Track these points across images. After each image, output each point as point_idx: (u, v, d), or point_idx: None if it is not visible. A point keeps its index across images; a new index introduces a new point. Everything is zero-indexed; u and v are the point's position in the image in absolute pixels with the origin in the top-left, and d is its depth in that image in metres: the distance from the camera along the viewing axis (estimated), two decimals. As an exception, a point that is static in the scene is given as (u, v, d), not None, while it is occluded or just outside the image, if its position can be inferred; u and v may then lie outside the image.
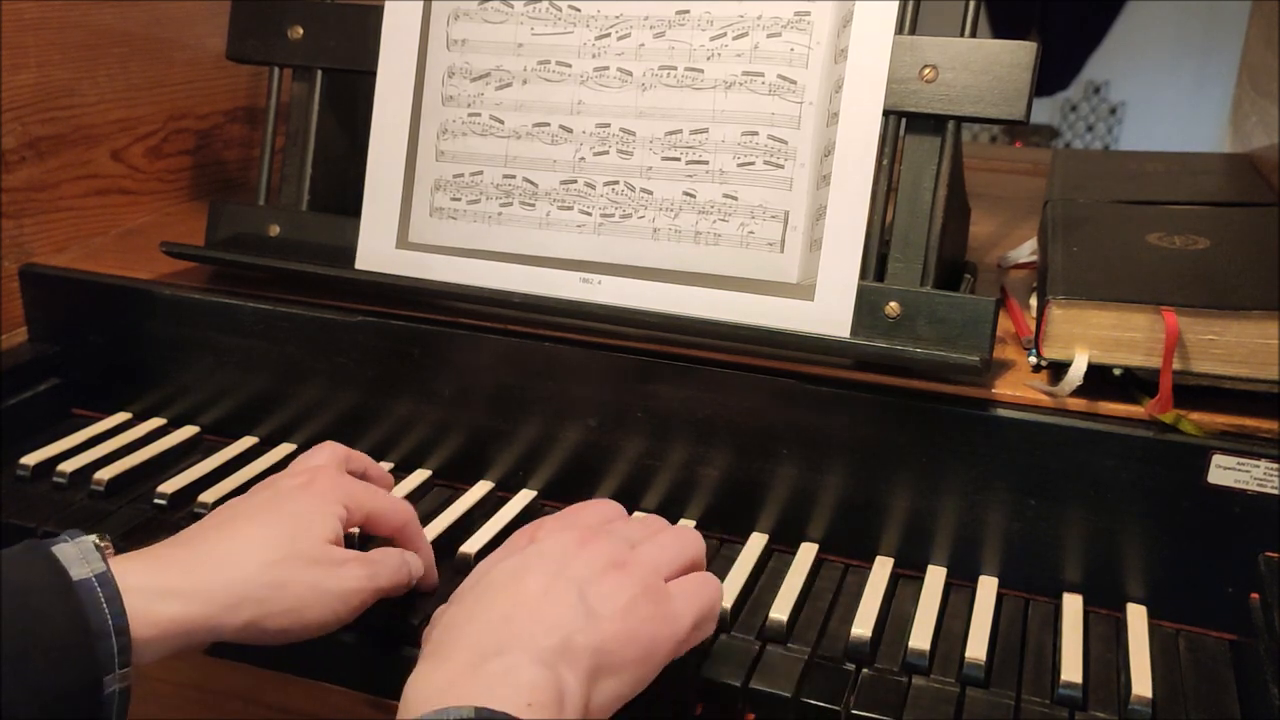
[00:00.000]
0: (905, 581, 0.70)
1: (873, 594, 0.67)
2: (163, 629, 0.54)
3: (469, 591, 0.56)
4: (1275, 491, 0.62)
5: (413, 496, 0.77)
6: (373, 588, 0.61)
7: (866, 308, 0.70)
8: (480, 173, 0.79)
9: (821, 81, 0.71)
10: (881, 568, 0.70)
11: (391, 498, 0.67)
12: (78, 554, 0.54)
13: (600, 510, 0.63)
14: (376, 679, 0.66)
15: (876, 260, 0.72)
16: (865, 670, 0.62)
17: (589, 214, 0.76)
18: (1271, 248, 0.73)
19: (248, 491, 0.65)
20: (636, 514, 0.66)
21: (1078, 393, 0.66)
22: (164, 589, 0.55)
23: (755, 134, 0.73)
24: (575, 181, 0.77)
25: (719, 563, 0.72)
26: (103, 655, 0.51)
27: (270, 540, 0.58)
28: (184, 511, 0.76)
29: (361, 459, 0.70)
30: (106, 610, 0.52)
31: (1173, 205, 0.88)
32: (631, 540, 0.59)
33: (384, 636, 0.64)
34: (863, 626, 0.64)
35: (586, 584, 0.54)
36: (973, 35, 0.70)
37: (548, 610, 0.52)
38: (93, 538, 0.55)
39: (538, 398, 0.76)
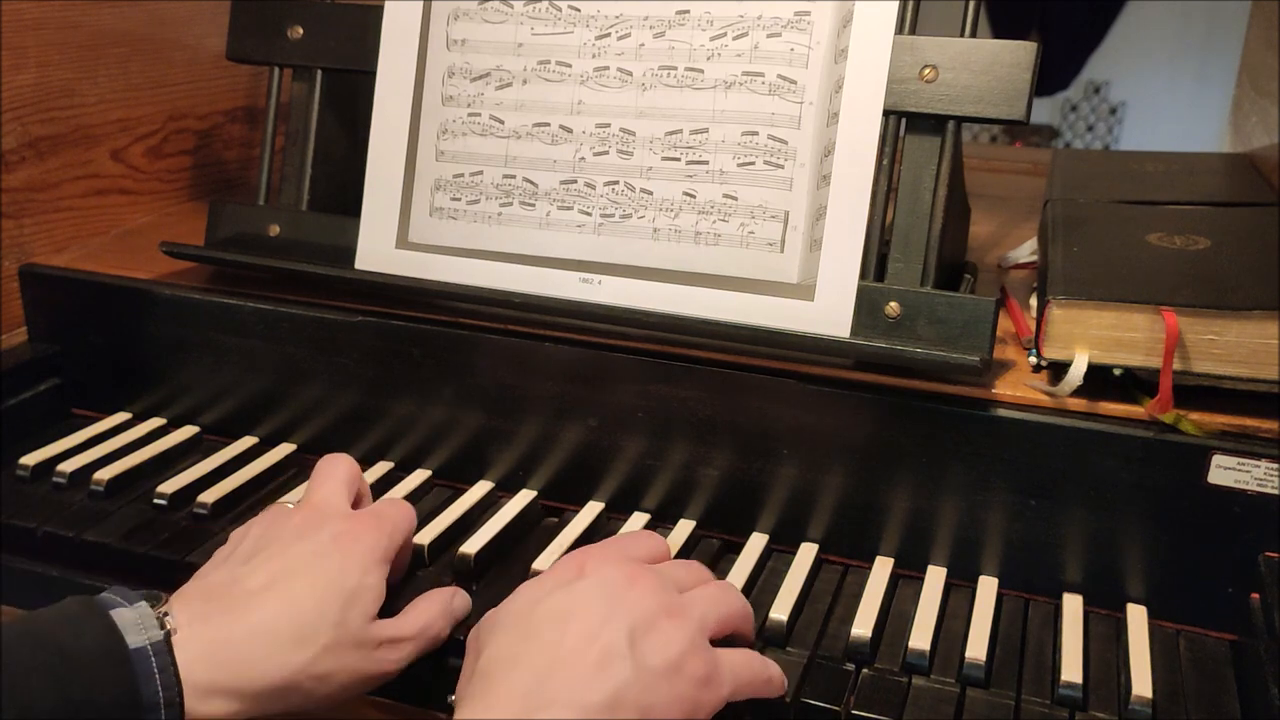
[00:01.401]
0: (905, 581, 0.70)
1: (873, 594, 0.67)
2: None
3: (516, 624, 0.54)
4: (1275, 491, 0.62)
5: (413, 496, 0.77)
6: (400, 670, 0.60)
7: (866, 308, 0.70)
8: (480, 173, 0.79)
9: (821, 81, 0.71)
10: (881, 568, 0.70)
11: (407, 513, 0.66)
12: (135, 620, 0.54)
13: (647, 544, 0.62)
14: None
15: (876, 260, 0.72)
16: (865, 670, 0.62)
17: (589, 214, 0.76)
18: (1271, 248, 0.73)
19: (287, 519, 0.62)
20: (679, 560, 0.65)
21: (1078, 393, 0.66)
22: (214, 687, 0.54)
23: (755, 134, 0.73)
24: (575, 181, 0.77)
25: (720, 563, 0.72)
26: None
27: (322, 618, 0.57)
28: (184, 511, 0.76)
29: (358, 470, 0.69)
30: (158, 681, 0.52)
31: (1173, 205, 0.88)
32: (679, 584, 0.58)
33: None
34: (863, 627, 0.64)
35: (636, 627, 0.52)
36: (973, 35, 0.70)
37: (596, 658, 0.51)
38: (150, 602, 0.55)
39: (538, 398, 0.76)
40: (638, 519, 0.75)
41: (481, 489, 0.78)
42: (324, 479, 0.66)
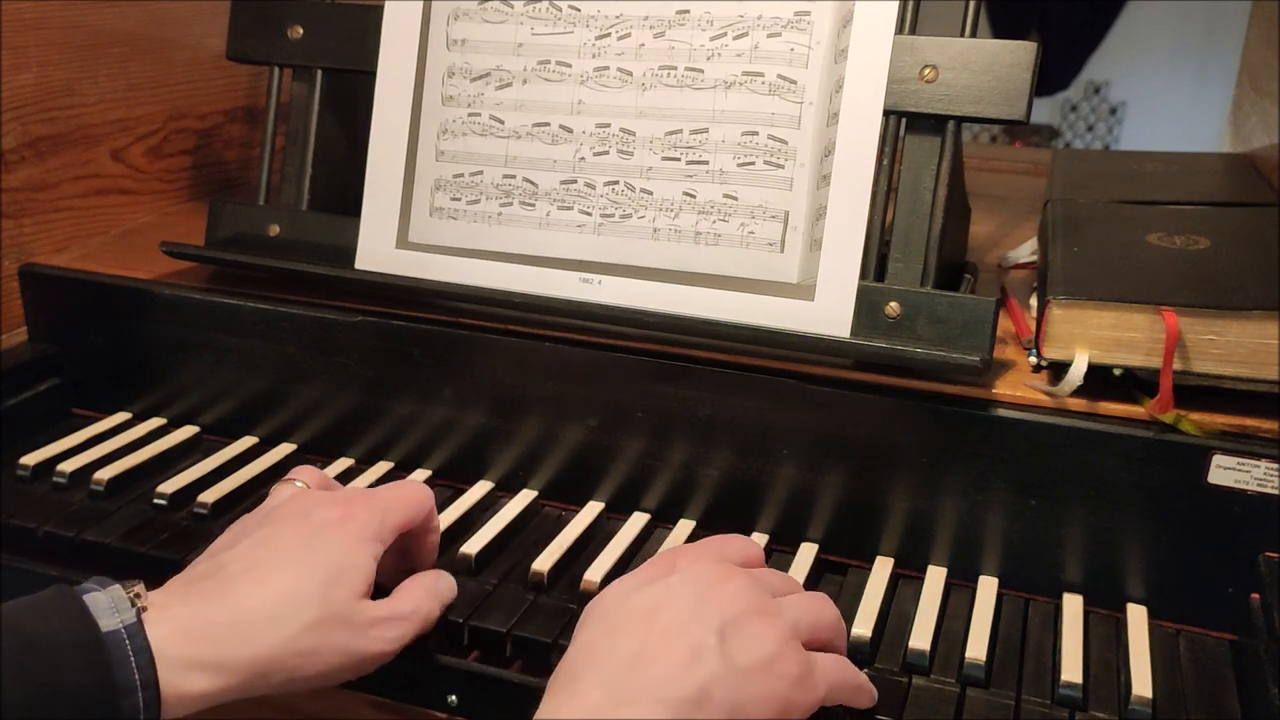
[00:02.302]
0: (905, 581, 0.70)
1: (873, 594, 0.67)
2: (192, 700, 0.53)
3: (604, 617, 0.54)
4: (1275, 491, 0.62)
5: (413, 496, 0.77)
6: (397, 649, 0.59)
7: (866, 308, 0.70)
8: (480, 173, 0.79)
9: (821, 81, 0.71)
10: (881, 568, 0.70)
11: (413, 496, 0.64)
12: (108, 603, 0.53)
13: (742, 548, 0.61)
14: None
15: (876, 260, 0.72)
16: (865, 670, 0.62)
17: (589, 214, 0.76)
18: (1271, 248, 0.73)
19: (279, 509, 0.62)
20: (772, 569, 0.64)
21: (1078, 393, 0.66)
22: (194, 661, 0.53)
23: (755, 134, 0.73)
24: (575, 181, 0.77)
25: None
26: (128, 710, 0.51)
27: (305, 598, 0.56)
28: (184, 511, 0.76)
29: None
30: (134, 663, 0.51)
31: (1173, 205, 0.88)
32: (772, 589, 0.56)
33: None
34: (863, 626, 0.64)
35: (727, 624, 0.51)
36: (973, 35, 0.70)
37: (684, 651, 0.50)
38: (124, 587, 0.54)
39: (538, 398, 0.76)
40: (638, 519, 0.75)
41: (482, 489, 0.78)
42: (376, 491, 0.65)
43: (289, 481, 0.65)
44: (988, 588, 0.68)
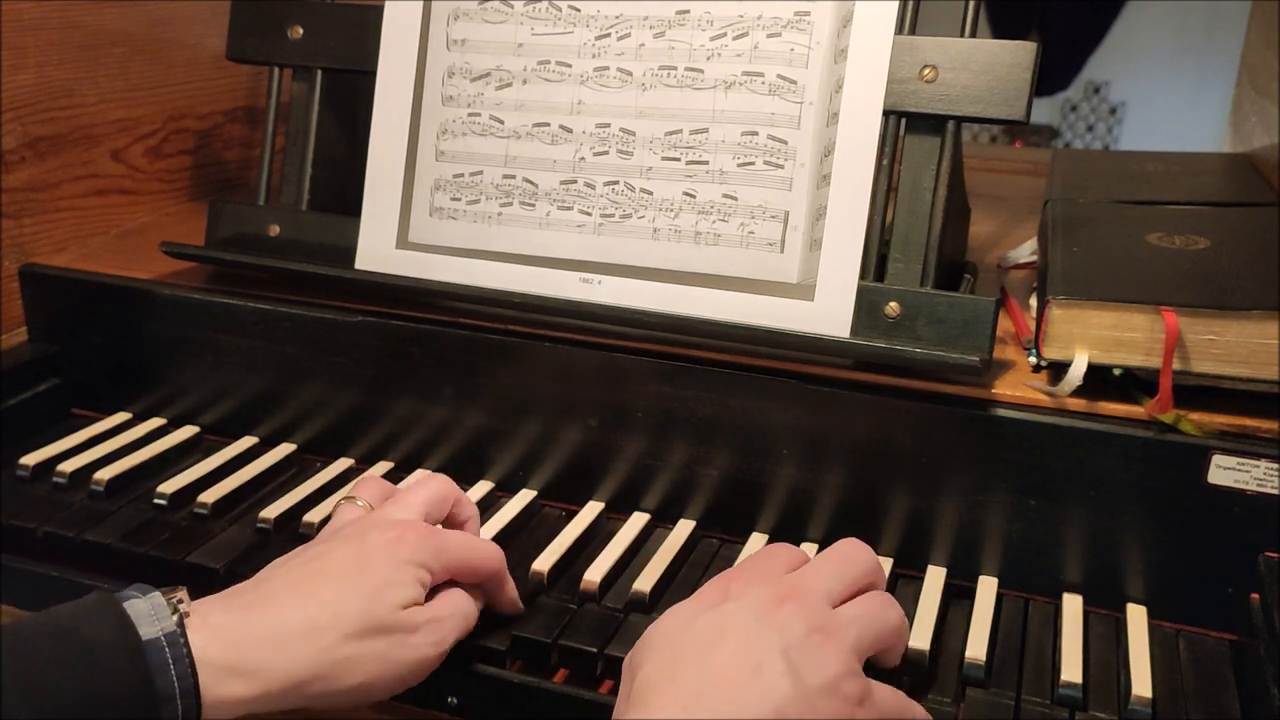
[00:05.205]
0: (905, 581, 0.70)
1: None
2: (230, 706, 0.53)
3: (668, 645, 0.53)
4: (1275, 491, 0.62)
5: (413, 496, 0.77)
6: (439, 652, 0.59)
7: (866, 308, 0.70)
8: (480, 173, 0.79)
9: (821, 81, 0.71)
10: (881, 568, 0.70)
11: (480, 553, 0.63)
12: (149, 610, 0.53)
13: (785, 557, 0.59)
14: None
15: (876, 260, 0.72)
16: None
17: (589, 214, 0.76)
18: (1271, 248, 0.73)
19: (338, 523, 0.63)
20: (826, 557, 0.60)
21: (1078, 393, 0.66)
22: (233, 667, 0.53)
23: (755, 134, 0.73)
24: (575, 181, 0.77)
25: (719, 564, 0.72)
26: (167, 717, 0.51)
27: (345, 611, 0.56)
28: (184, 511, 0.76)
29: (459, 501, 0.67)
30: (173, 671, 0.52)
31: (1173, 205, 0.88)
32: (829, 595, 0.56)
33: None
34: (863, 626, 0.64)
35: (790, 647, 0.51)
36: (973, 35, 0.70)
37: (752, 675, 0.50)
38: (165, 594, 0.55)
39: (538, 398, 0.76)
40: (638, 519, 0.75)
41: (482, 489, 0.78)
42: (402, 495, 0.65)
43: (351, 501, 0.65)
44: (987, 588, 0.68)
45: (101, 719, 0.50)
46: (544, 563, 0.69)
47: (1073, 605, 0.66)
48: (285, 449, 0.84)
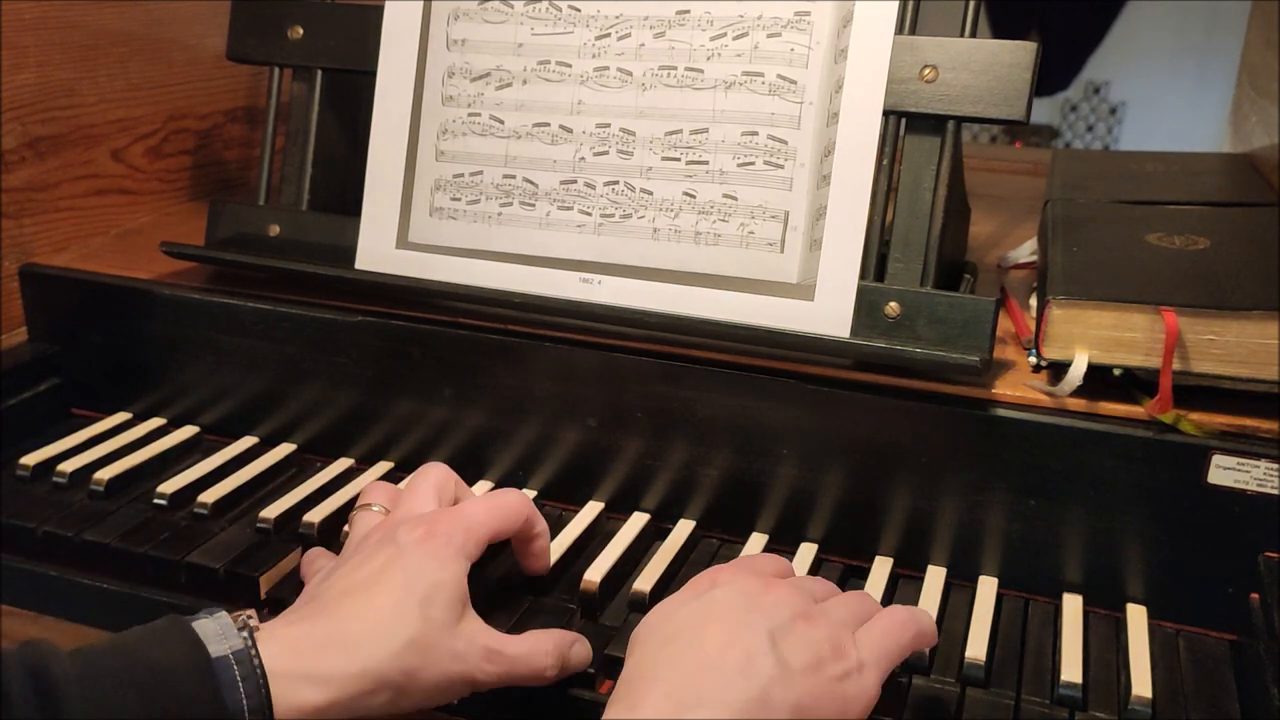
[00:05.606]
0: (905, 581, 0.70)
1: (873, 594, 0.67)
2: (304, 715, 0.54)
3: (656, 631, 0.54)
4: (1275, 491, 0.62)
5: (413, 496, 0.77)
6: (499, 684, 0.59)
7: (866, 308, 0.70)
8: (480, 173, 0.79)
9: (821, 81, 0.71)
10: (881, 568, 0.70)
11: (503, 502, 0.64)
12: (216, 630, 0.53)
13: (773, 563, 0.62)
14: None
15: (876, 260, 0.72)
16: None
17: (589, 214, 0.76)
18: (1271, 248, 0.73)
19: (360, 532, 0.63)
20: (808, 576, 0.66)
21: (1078, 393, 0.66)
22: (303, 675, 0.54)
23: (755, 134, 0.73)
24: (575, 181, 0.77)
25: (719, 564, 0.72)
26: None
27: (404, 614, 0.56)
28: (184, 511, 0.76)
29: (459, 484, 0.68)
30: (241, 689, 0.52)
31: (1173, 205, 0.88)
32: (813, 594, 0.58)
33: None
34: (863, 626, 0.64)
35: (775, 630, 0.53)
36: (973, 35, 0.70)
37: (739, 659, 0.51)
38: (233, 614, 0.55)
39: (538, 398, 0.76)
40: (638, 519, 0.75)
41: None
42: (411, 490, 0.66)
43: (367, 508, 0.66)
44: (987, 587, 0.68)
45: None
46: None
47: (1073, 605, 0.67)
48: (285, 449, 0.84)
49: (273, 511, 0.74)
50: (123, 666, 0.51)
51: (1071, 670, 0.61)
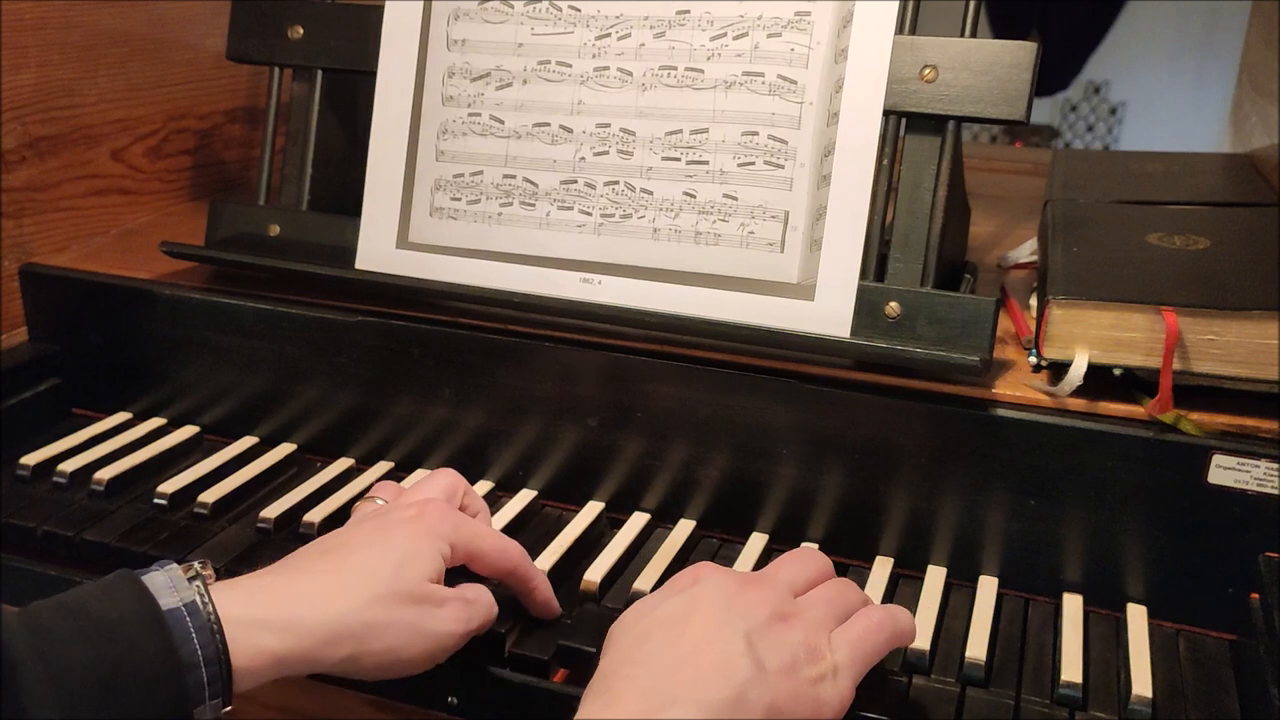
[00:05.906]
0: (905, 581, 0.70)
1: (873, 594, 0.67)
2: (259, 661, 0.53)
3: (634, 627, 0.55)
4: (1275, 491, 0.62)
5: (413, 496, 0.77)
6: (465, 631, 0.60)
7: (866, 308, 0.70)
8: (480, 173, 0.79)
9: (821, 81, 0.71)
10: (881, 568, 0.70)
11: (499, 541, 0.64)
12: (167, 582, 0.54)
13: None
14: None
15: (876, 260, 0.72)
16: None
17: (589, 214, 0.76)
18: (1271, 248, 0.73)
19: (358, 518, 0.64)
20: (795, 555, 0.64)
21: (1078, 393, 0.66)
22: (261, 621, 0.54)
23: (755, 134, 0.73)
24: (575, 181, 0.77)
25: (719, 564, 0.72)
26: (192, 686, 0.51)
27: (373, 574, 0.57)
28: (184, 511, 0.76)
29: (468, 492, 0.68)
30: (195, 640, 0.52)
31: (1173, 205, 0.88)
32: (793, 586, 0.58)
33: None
34: (863, 626, 0.64)
35: (752, 631, 0.53)
36: (973, 35, 0.70)
37: (715, 658, 0.51)
38: (184, 566, 0.55)
39: (538, 397, 0.76)
40: (638, 519, 0.75)
41: (482, 489, 0.78)
42: (418, 487, 0.66)
43: (370, 500, 0.66)
44: (988, 587, 0.68)
45: (125, 691, 0.50)
46: (544, 563, 0.69)
47: (1073, 605, 0.67)
48: (285, 449, 0.84)
49: (273, 511, 0.74)
50: (70, 622, 0.51)
51: (1071, 670, 0.61)
